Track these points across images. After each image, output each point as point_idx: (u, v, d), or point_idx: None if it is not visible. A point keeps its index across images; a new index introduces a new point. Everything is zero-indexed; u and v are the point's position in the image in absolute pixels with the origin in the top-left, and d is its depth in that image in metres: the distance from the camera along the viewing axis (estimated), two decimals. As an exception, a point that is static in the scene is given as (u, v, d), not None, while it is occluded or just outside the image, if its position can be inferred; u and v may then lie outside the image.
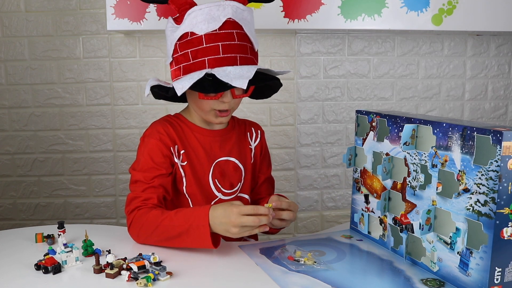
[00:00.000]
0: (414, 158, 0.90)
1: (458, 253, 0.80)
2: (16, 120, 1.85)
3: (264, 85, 1.09)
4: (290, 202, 1.04)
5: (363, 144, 1.06)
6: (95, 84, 1.85)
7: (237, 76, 0.94)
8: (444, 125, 0.82)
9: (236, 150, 1.16)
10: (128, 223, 1.02)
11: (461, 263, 0.80)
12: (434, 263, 0.86)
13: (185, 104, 1.18)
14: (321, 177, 1.99)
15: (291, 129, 1.94)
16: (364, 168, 1.06)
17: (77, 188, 1.90)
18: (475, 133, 0.76)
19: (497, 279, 0.75)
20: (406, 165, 0.92)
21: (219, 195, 1.12)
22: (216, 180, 1.12)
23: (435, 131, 0.84)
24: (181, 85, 0.95)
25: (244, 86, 0.92)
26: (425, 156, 0.87)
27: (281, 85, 1.09)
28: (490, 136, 0.73)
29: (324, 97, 1.94)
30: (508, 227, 0.73)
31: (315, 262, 0.91)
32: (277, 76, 1.07)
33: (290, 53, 1.89)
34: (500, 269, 0.75)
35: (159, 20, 1.67)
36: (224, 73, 0.95)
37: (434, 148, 0.85)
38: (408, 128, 0.89)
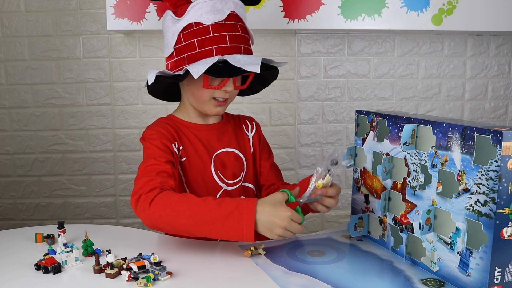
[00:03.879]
0: (414, 158, 0.90)
1: (458, 253, 0.80)
2: (16, 120, 1.85)
3: (257, 79, 1.16)
4: (336, 189, 1.00)
5: (363, 144, 1.06)
6: (95, 84, 1.85)
7: (247, 63, 0.98)
8: (444, 125, 0.82)
9: (235, 141, 1.18)
10: (147, 203, 0.91)
11: (461, 263, 0.79)
12: (434, 263, 0.85)
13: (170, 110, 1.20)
14: (321, 177, 1.99)
15: (291, 129, 1.94)
16: (364, 168, 1.06)
17: (77, 188, 1.90)
18: (475, 133, 0.76)
19: (497, 279, 0.75)
20: (406, 165, 0.92)
21: (224, 186, 1.13)
22: (218, 171, 1.13)
23: (435, 131, 0.84)
24: (196, 69, 0.96)
25: (257, 70, 0.96)
26: (425, 156, 0.87)
27: (276, 77, 1.16)
28: (490, 136, 0.73)
29: (324, 97, 1.94)
30: (508, 227, 0.73)
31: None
32: (276, 67, 1.12)
33: (290, 53, 1.89)
34: (500, 269, 0.75)
35: (159, 20, 1.67)
36: (235, 60, 0.98)
37: (434, 148, 0.85)
38: (408, 128, 0.89)
